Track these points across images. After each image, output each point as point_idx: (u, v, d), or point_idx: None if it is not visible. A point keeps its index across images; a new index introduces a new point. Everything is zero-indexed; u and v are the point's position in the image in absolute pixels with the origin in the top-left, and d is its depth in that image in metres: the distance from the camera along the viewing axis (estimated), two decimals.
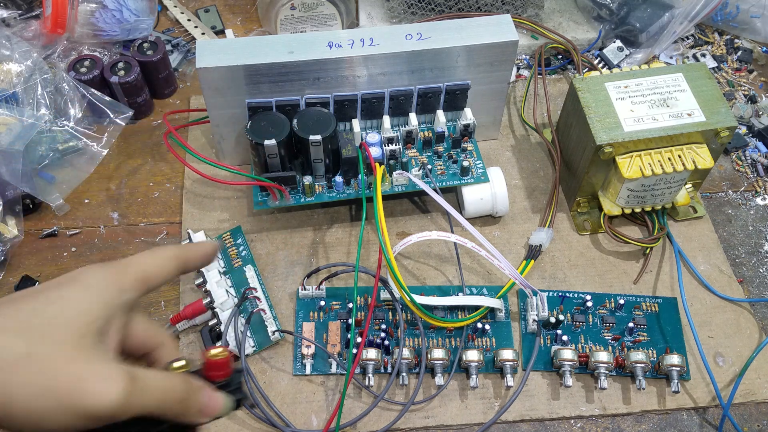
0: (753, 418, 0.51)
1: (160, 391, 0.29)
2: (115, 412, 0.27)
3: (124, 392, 0.27)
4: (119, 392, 0.27)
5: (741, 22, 0.76)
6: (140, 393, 0.28)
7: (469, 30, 0.56)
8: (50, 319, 0.28)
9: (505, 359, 0.51)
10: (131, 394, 0.27)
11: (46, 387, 0.27)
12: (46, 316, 0.28)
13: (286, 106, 0.56)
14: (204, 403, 0.31)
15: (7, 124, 0.58)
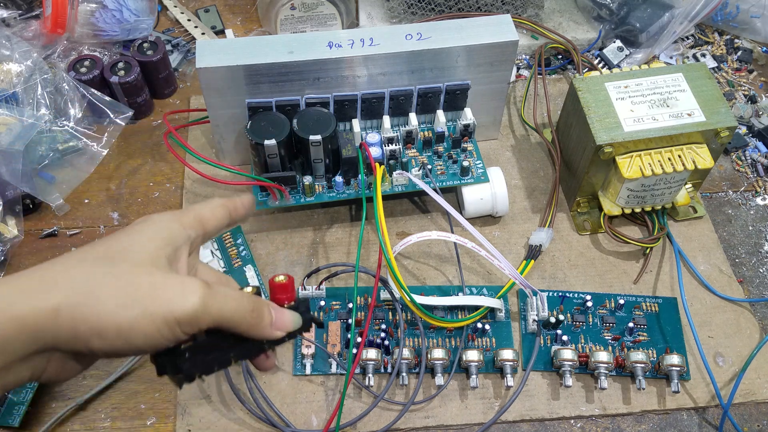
0: (753, 418, 0.51)
1: (235, 301, 0.32)
2: (196, 314, 0.30)
3: (202, 297, 0.30)
4: (198, 296, 0.30)
5: (741, 22, 0.76)
6: (216, 299, 0.31)
7: (469, 30, 0.56)
8: (127, 246, 0.32)
9: (505, 359, 0.51)
10: (209, 298, 0.31)
11: (130, 296, 0.30)
12: (122, 245, 0.32)
13: (286, 106, 0.56)
14: (274, 316, 0.34)
15: (7, 124, 0.58)
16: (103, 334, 0.29)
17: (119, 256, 0.31)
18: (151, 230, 0.33)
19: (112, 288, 0.30)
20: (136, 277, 0.31)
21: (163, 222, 0.34)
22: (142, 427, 0.50)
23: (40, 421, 0.50)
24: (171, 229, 0.34)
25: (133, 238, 0.33)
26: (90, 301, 0.29)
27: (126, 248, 0.32)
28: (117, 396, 0.51)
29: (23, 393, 0.50)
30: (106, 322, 0.29)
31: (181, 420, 0.50)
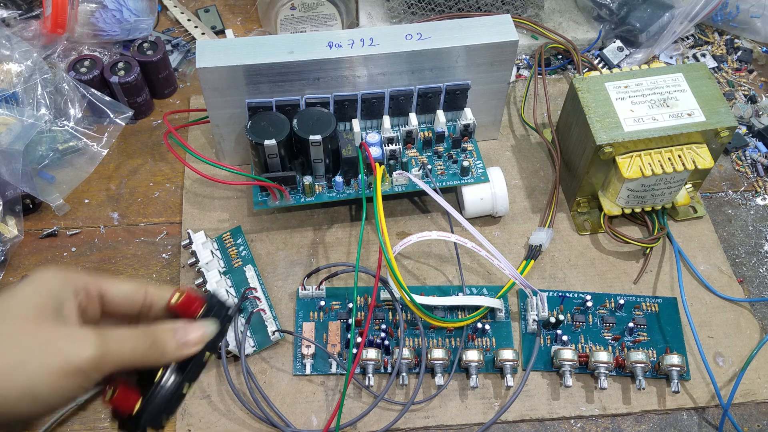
0: (753, 418, 0.51)
1: (131, 341, 0.31)
2: (95, 362, 0.29)
3: (96, 346, 0.29)
4: (92, 344, 0.29)
5: (741, 22, 0.76)
6: (112, 345, 0.30)
7: (469, 30, 0.56)
8: (9, 303, 0.30)
9: (505, 359, 0.51)
10: (103, 346, 0.30)
11: (22, 354, 0.28)
12: (3, 303, 0.30)
13: (286, 106, 0.56)
14: (180, 336, 0.32)
15: (7, 124, 0.58)
16: (7, 399, 0.28)
17: (1, 315, 0.30)
18: (32, 286, 0.31)
19: (1, 353, 0.28)
20: (24, 333, 0.29)
21: (45, 276, 0.32)
22: None
23: (39, 421, 0.50)
24: (53, 283, 0.32)
25: (15, 294, 0.31)
26: None
27: (8, 306, 0.30)
28: None
29: None
30: (5, 387, 0.28)
31: (181, 420, 0.50)
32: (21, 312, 0.30)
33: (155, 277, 0.57)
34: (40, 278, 0.32)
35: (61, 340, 0.29)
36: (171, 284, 0.57)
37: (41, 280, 0.32)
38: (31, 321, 0.30)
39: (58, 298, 0.31)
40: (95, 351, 0.29)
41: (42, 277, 0.32)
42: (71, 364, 0.29)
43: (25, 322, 0.30)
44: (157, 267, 0.58)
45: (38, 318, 0.30)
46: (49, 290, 0.31)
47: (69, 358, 0.29)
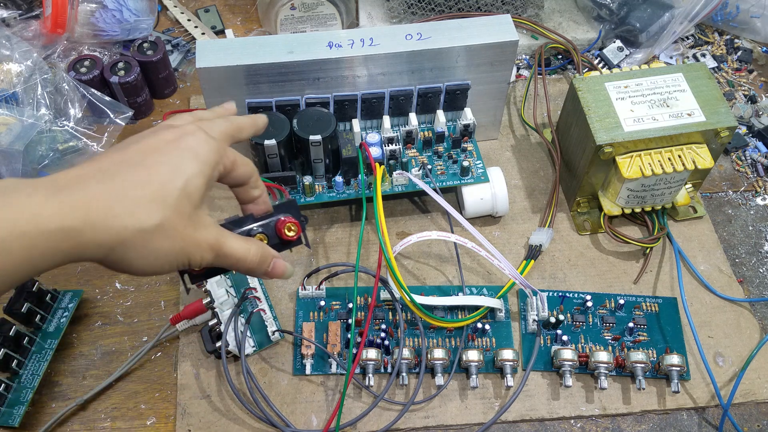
0: (753, 418, 0.51)
1: (242, 253, 0.37)
2: (209, 264, 0.36)
3: (216, 256, 0.35)
4: (213, 255, 0.35)
5: (741, 22, 0.76)
6: (227, 258, 0.36)
7: (469, 30, 0.56)
8: (176, 190, 0.33)
9: (505, 359, 0.51)
10: (221, 257, 0.36)
11: (168, 251, 0.33)
12: (173, 186, 0.33)
13: (286, 106, 0.56)
14: (270, 268, 0.39)
15: (7, 124, 0.58)
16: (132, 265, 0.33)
17: (168, 203, 0.32)
18: (198, 171, 0.34)
19: (157, 240, 0.32)
20: (178, 233, 0.33)
21: (206, 161, 0.35)
22: (142, 427, 0.50)
23: (40, 421, 0.50)
24: (211, 172, 0.35)
25: (184, 179, 0.33)
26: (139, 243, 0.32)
27: (176, 193, 0.33)
28: (117, 396, 0.51)
29: (23, 393, 0.50)
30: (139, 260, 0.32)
31: (181, 420, 0.50)
32: (183, 205, 0.33)
33: (155, 277, 0.57)
34: (202, 158, 0.35)
35: (197, 246, 0.34)
36: (171, 284, 0.57)
37: (203, 163, 0.35)
38: (187, 216, 0.34)
39: (209, 187, 0.35)
40: (213, 259, 0.35)
41: (203, 158, 0.35)
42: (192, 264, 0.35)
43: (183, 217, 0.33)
44: None
45: (194, 213, 0.34)
46: (207, 178, 0.35)
47: (193, 261, 0.34)
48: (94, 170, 0.32)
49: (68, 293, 0.54)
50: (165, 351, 0.54)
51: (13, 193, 0.30)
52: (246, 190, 0.40)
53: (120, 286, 0.57)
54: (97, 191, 0.31)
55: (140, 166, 0.33)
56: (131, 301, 0.56)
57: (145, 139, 0.35)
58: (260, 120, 0.42)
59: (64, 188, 0.31)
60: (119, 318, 0.55)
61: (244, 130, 0.40)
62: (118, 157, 0.34)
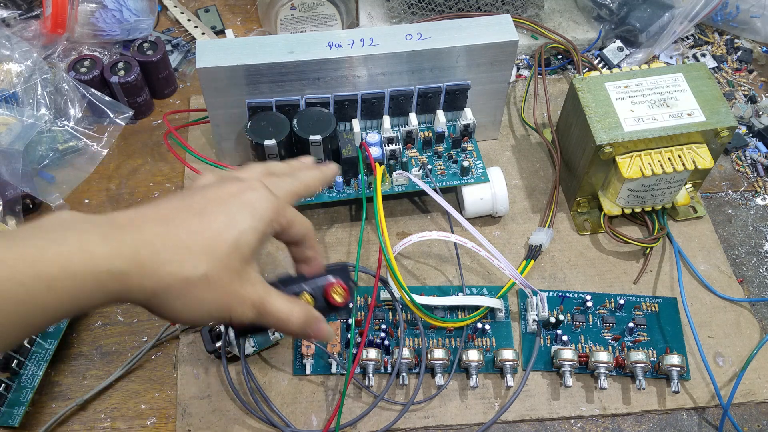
0: (753, 418, 0.51)
1: (285, 314, 0.36)
2: (250, 321, 0.35)
3: (259, 314, 0.35)
4: (256, 313, 0.34)
5: (741, 22, 0.76)
6: (269, 317, 0.35)
7: (469, 30, 0.56)
8: (227, 243, 0.33)
9: (505, 359, 0.51)
10: (264, 315, 0.35)
11: (210, 303, 0.32)
12: (224, 239, 0.33)
13: (286, 106, 0.56)
14: (313, 332, 0.38)
15: (7, 124, 0.58)
16: (174, 313, 0.32)
17: (217, 255, 0.32)
18: (253, 227, 0.34)
19: (201, 291, 0.32)
20: (222, 287, 0.32)
21: (263, 217, 0.35)
22: (142, 427, 0.50)
23: (40, 421, 0.50)
24: (267, 228, 0.35)
25: (236, 232, 0.33)
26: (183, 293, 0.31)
27: (226, 246, 0.33)
28: (117, 396, 0.51)
29: (23, 393, 0.50)
30: (179, 310, 0.32)
31: (181, 420, 0.50)
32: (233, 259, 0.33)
33: None
34: (259, 214, 0.34)
35: (239, 303, 0.34)
36: None
37: (260, 219, 0.34)
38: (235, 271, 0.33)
39: (263, 242, 0.35)
40: (255, 317, 0.35)
41: (261, 213, 0.34)
42: (232, 320, 0.34)
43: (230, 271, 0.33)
44: None
45: (241, 269, 0.33)
46: (262, 234, 0.34)
47: (233, 317, 0.34)
48: (152, 213, 0.33)
49: None
50: (165, 351, 0.54)
51: (70, 228, 0.30)
52: (300, 250, 0.39)
53: None
54: (151, 234, 0.31)
55: (198, 214, 0.33)
56: None
57: (211, 189, 0.35)
58: (330, 174, 0.43)
59: (119, 228, 0.31)
60: (119, 318, 0.55)
61: (311, 188, 0.40)
62: (178, 203, 0.34)
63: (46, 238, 0.29)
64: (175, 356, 0.53)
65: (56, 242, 0.29)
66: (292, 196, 0.38)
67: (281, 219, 0.36)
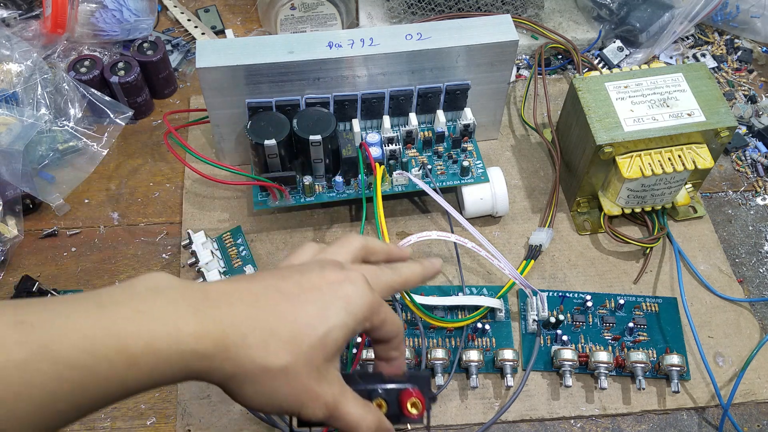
0: (753, 418, 0.51)
1: (356, 420, 0.33)
2: (319, 420, 0.33)
3: (330, 416, 0.33)
4: (326, 415, 0.32)
5: (741, 22, 0.76)
6: (341, 418, 0.33)
7: (469, 30, 0.56)
8: (315, 338, 0.31)
9: (505, 359, 0.51)
10: (335, 418, 0.33)
11: (283, 396, 0.31)
12: (313, 332, 0.31)
13: (286, 106, 0.56)
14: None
15: (7, 124, 0.58)
16: (245, 399, 0.31)
17: (301, 349, 0.31)
18: (344, 323, 0.32)
19: (278, 384, 0.31)
20: (301, 383, 0.31)
21: (357, 316, 0.33)
22: (142, 427, 0.50)
23: None
24: (357, 327, 0.33)
25: (326, 327, 0.32)
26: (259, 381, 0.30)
27: (312, 341, 0.31)
28: None
29: None
30: (252, 397, 0.31)
31: (181, 420, 0.50)
32: (317, 355, 0.32)
33: None
34: (353, 312, 0.33)
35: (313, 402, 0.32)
36: None
37: (353, 316, 0.33)
38: (316, 368, 0.32)
39: (347, 340, 0.33)
40: (324, 418, 0.33)
41: (355, 312, 0.33)
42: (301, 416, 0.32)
43: (312, 367, 0.31)
44: (157, 267, 0.58)
45: (323, 367, 0.32)
46: (351, 332, 0.33)
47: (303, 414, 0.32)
48: (246, 290, 0.32)
49: (68, 293, 0.54)
50: None
51: (160, 297, 0.29)
52: (385, 349, 0.37)
53: None
54: (241, 315, 0.30)
55: (291, 300, 0.32)
56: None
57: (309, 272, 0.34)
58: (433, 272, 0.41)
59: (211, 303, 0.30)
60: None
61: (409, 285, 0.39)
62: (274, 283, 0.33)
63: (135, 308, 0.28)
64: None
65: (145, 315, 0.28)
66: (389, 292, 0.37)
67: (374, 318, 0.34)
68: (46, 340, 0.26)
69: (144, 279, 0.30)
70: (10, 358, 0.25)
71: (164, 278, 0.31)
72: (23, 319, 0.26)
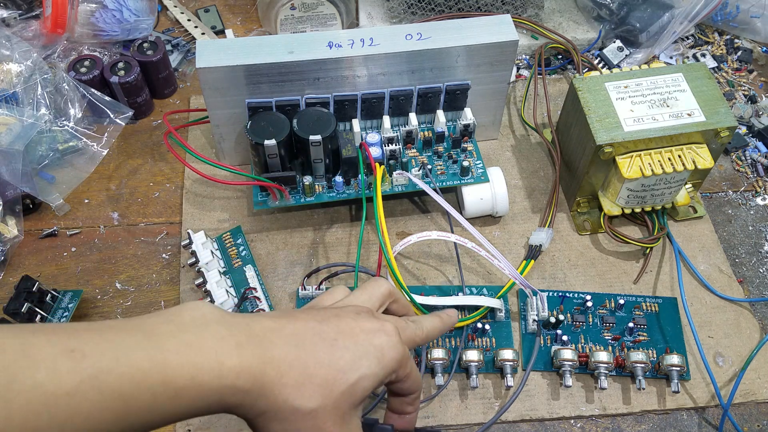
0: (753, 418, 0.51)
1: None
2: None
3: None
4: None
5: (741, 22, 0.76)
6: None
7: (469, 30, 0.56)
8: (346, 384, 0.32)
9: (505, 359, 0.51)
10: None
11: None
12: (345, 379, 0.32)
13: (286, 106, 0.56)
14: None
15: (7, 124, 0.58)
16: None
17: (330, 393, 0.32)
18: (374, 373, 0.33)
19: (301, 427, 0.31)
20: (324, 427, 0.32)
21: (387, 367, 0.34)
22: None
23: None
24: (385, 378, 0.34)
25: (356, 375, 0.33)
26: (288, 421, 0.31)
27: (342, 387, 0.32)
28: None
29: None
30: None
31: None
32: (344, 400, 0.33)
33: (155, 278, 0.57)
34: (386, 363, 0.34)
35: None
36: (171, 284, 0.57)
37: (384, 368, 0.34)
38: (341, 414, 0.33)
39: (373, 389, 0.34)
40: None
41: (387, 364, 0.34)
42: None
43: (337, 412, 0.32)
44: (157, 267, 0.58)
45: (348, 413, 0.33)
46: (378, 381, 0.34)
47: None
48: (288, 329, 0.32)
49: (68, 293, 0.54)
50: None
51: (206, 329, 0.30)
52: (401, 402, 0.39)
53: (120, 286, 0.57)
54: (282, 354, 0.31)
55: (328, 344, 0.33)
56: (131, 301, 0.56)
57: (348, 317, 0.35)
58: (450, 324, 0.43)
59: (254, 339, 0.31)
60: (119, 318, 0.55)
61: (429, 339, 0.41)
62: (315, 325, 0.33)
63: (182, 340, 0.29)
64: None
65: (191, 347, 0.29)
66: (413, 345, 0.38)
67: (400, 371, 0.35)
68: (96, 370, 0.26)
69: (190, 309, 0.31)
70: (61, 386, 0.26)
71: (209, 309, 0.31)
72: (75, 347, 0.27)
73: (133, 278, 0.57)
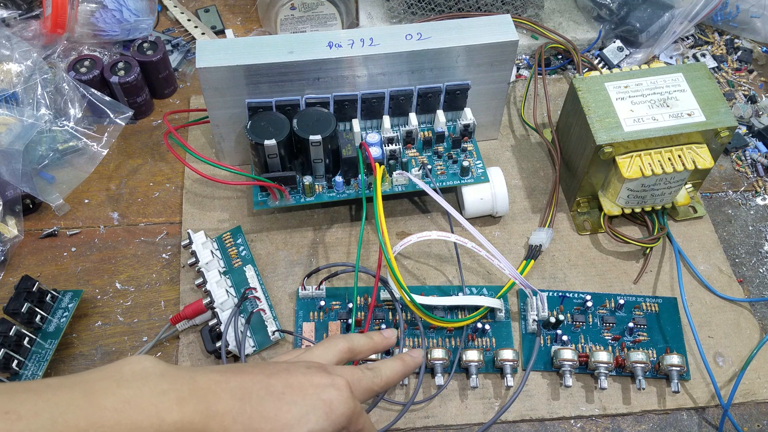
0: (753, 418, 0.51)
1: None
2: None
3: None
4: None
5: (741, 22, 0.76)
6: None
7: (469, 30, 0.56)
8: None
9: (505, 359, 0.51)
10: None
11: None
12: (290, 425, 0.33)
13: (286, 106, 0.56)
14: None
15: (7, 124, 0.58)
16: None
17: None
18: (325, 421, 0.33)
19: None
20: None
21: (336, 424, 0.34)
22: None
23: None
24: (339, 428, 0.34)
25: (303, 420, 0.33)
26: None
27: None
28: None
29: None
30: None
31: None
32: None
33: (155, 277, 0.57)
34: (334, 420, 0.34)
35: None
36: (171, 284, 0.57)
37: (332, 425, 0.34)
38: None
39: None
40: None
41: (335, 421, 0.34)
42: None
43: None
44: (157, 267, 0.58)
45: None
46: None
47: None
48: (234, 383, 0.32)
49: (68, 293, 0.54)
50: (165, 351, 0.54)
51: (147, 384, 0.30)
52: None
53: (120, 286, 0.57)
54: (225, 408, 0.31)
55: (275, 398, 0.33)
56: (131, 301, 0.56)
57: (299, 372, 0.35)
58: (413, 366, 0.43)
59: (198, 393, 0.31)
60: (119, 318, 0.55)
61: (390, 385, 0.41)
62: (262, 379, 0.33)
63: (120, 396, 0.29)
64: (175, 356, 0.53)
65: (130, 404, 0.29)
66: (370, 395, 0.38)
67: (352, 427, 0.35)
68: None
69: (130, 363, 0.31)
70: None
71: (151, 363, 0.31)
72: (10, 409, 0.27)
73: (133, 278, 0.57)
